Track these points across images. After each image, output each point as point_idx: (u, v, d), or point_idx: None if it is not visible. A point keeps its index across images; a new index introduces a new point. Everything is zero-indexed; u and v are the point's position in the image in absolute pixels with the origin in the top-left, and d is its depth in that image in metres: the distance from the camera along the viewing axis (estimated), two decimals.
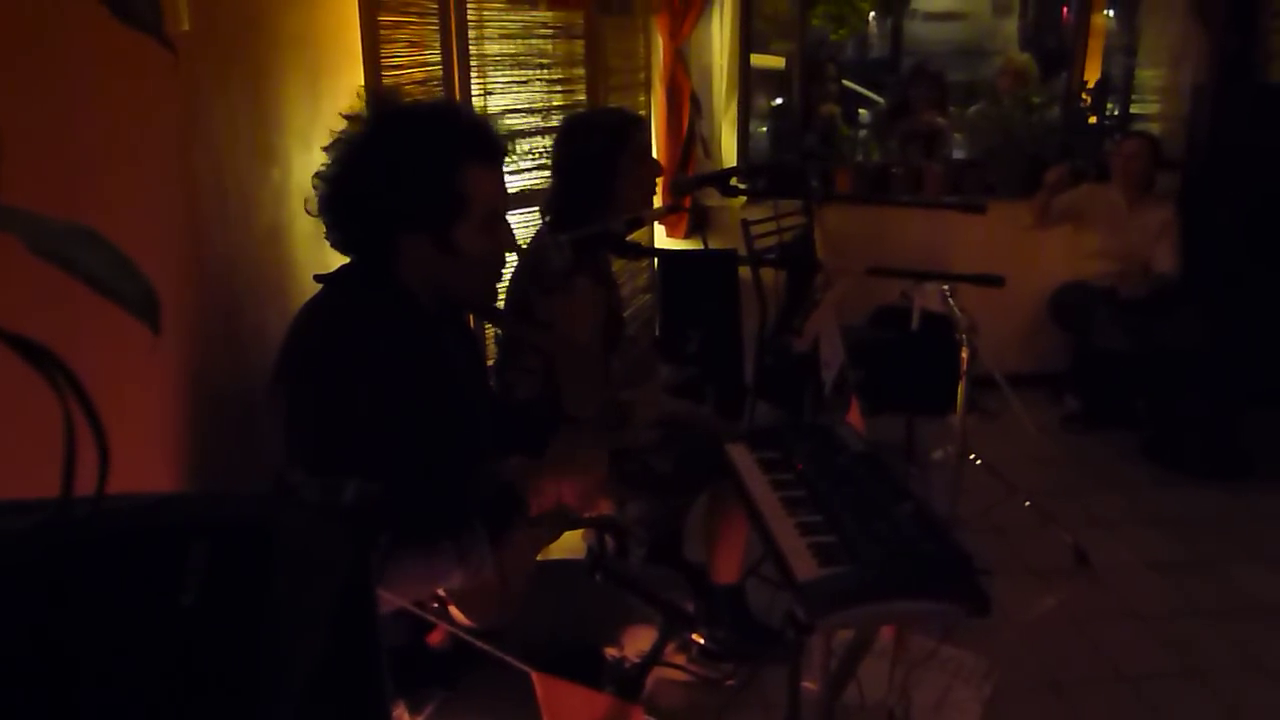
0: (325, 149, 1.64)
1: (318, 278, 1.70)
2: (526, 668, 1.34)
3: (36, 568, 0.52)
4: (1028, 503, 3.54)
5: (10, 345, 0.56)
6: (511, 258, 1.84)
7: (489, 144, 1.68)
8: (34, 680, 0.48)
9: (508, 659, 1.35)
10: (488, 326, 2.90)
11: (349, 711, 0.65)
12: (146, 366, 1.49)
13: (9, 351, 0.57)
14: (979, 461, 3.58)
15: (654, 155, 2.74)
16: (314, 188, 1.65)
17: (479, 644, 1.35)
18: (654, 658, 1.61)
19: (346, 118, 1.64)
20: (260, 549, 0.53)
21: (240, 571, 0.52)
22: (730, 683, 2.72)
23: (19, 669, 0.48)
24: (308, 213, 1.67)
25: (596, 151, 2.53)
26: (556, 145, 2.63)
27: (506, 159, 1.72)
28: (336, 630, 0.57)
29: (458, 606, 1.62)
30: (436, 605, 1.62)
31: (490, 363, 2.62)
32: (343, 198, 1.62)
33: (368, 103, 1.66)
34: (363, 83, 2.57)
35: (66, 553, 0.53)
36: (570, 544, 2.52)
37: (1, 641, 0.49)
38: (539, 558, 1.81)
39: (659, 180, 2.74)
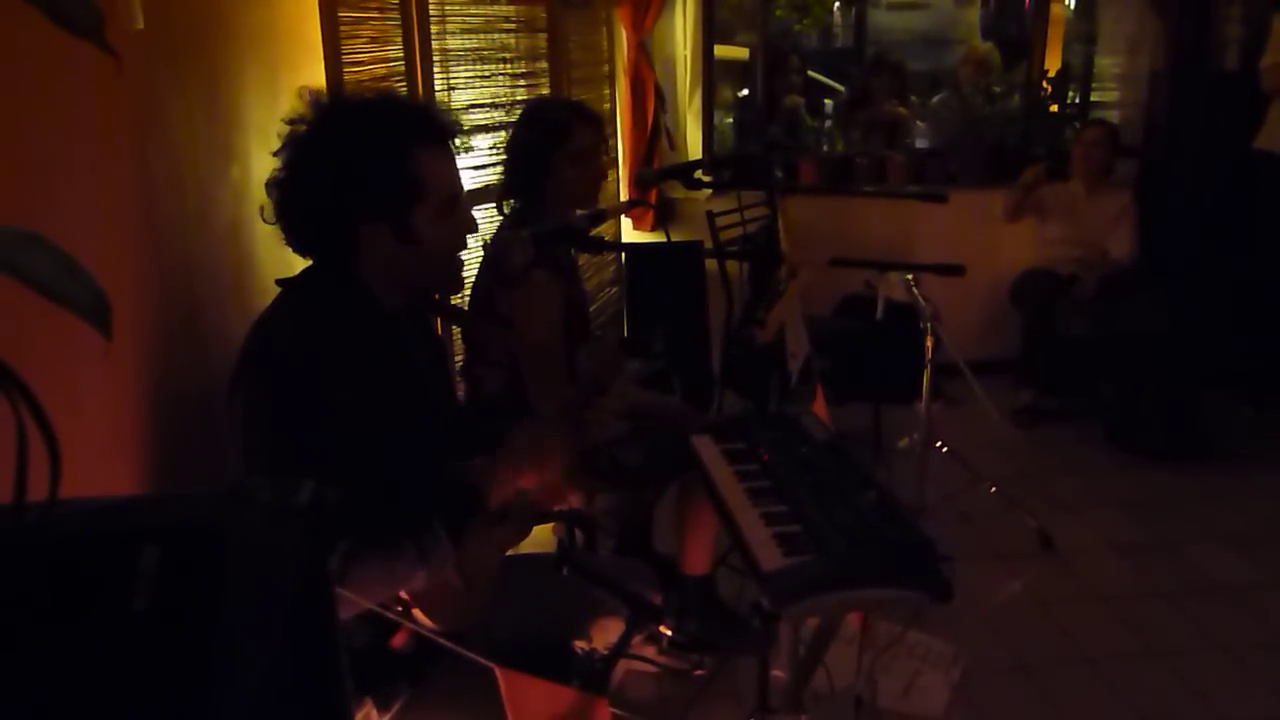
0: (274, 154, 1.62)
1: (279, 282, 1.69)
2: (489, 664, 1.34)
3: None
4: (993, 488, 3.59)
5: None
6: (474, 241, 1.83)
7: (435, 127, 1.67)
8: None
9: (471, 656, 1.35)
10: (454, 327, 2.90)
11: (308, 710, 0.65)
12: (103, 370, 1.48)
13: None
14: (944, 449, 3.61)
15: (603, 158, 2.70)
16: (268, 194, 1.63)
17: (442, 642, 1.35)
18: (620, 650, 1.62)
19: (290, 121, 1.63)
20: (212, 551, 0.54)
21: (192, 574, 0.52)
22: (699, 673, 2.73)
23: None
24: (264, 220, 1.65)
25: (531, 143, 2.52)
26: (513, 126, 2.63)
27: (458, 144, 1.71)
28: (293, 630, 0.58)
29: (421, 609, 1.62)
30: (400, 609, 1.61)
31: (458, 359, 2.62)
32: (297, 199, 1.61)
33: (309, 102, 1.64)
34: (321, 79, 2.55)
35: (18, 557, 0.53)
36: (540, 538, 2.53)
37: None
38: (507, 554, 1.82)
39: (624, 174, 2.74)
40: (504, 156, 2.63)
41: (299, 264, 1.73)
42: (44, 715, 0.47)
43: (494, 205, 2.73)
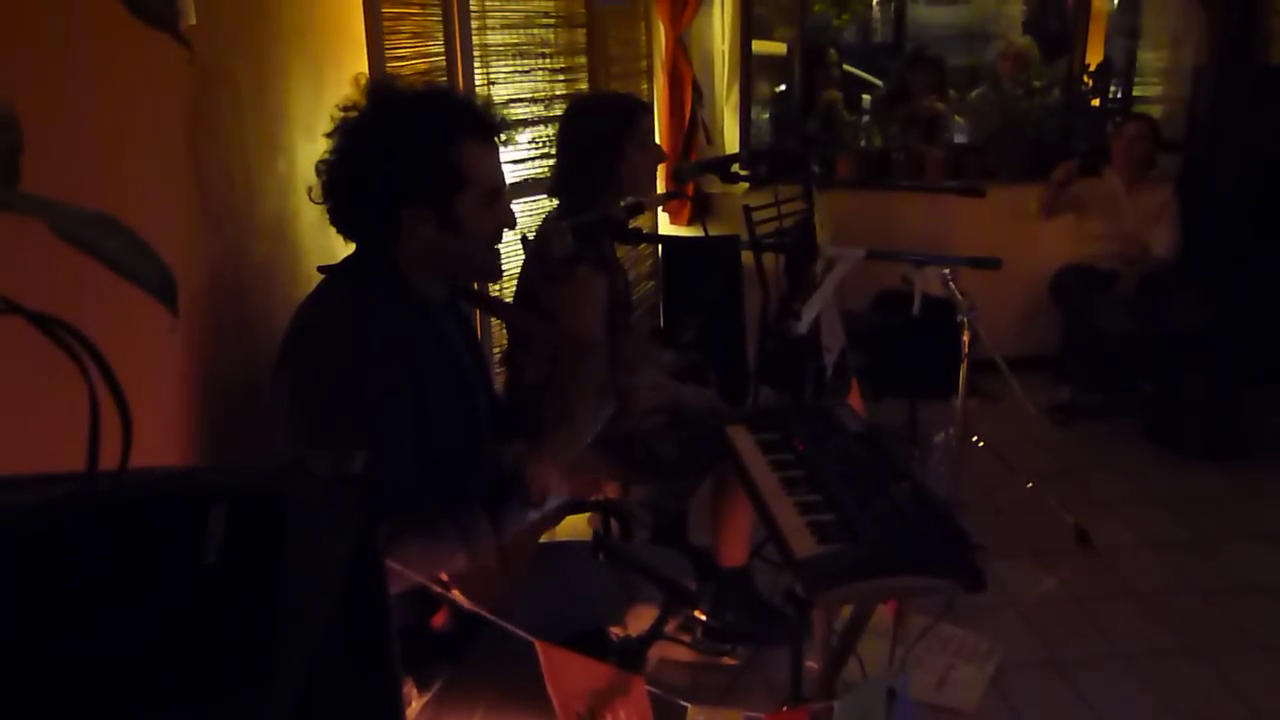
0: (327, 135, 1.67)
1: (321, 269, 1.74)
2: (530, 638, 1.37)
3: (69, 532, 0.56)
4: (1030, 484, 3.57)
5: (36, 325, 0.59)
6: (512, 235, 1.87)
7: (483, 122, 1.72)
8: (71, 631, 0.52)
9: (512, 629, 1.38)
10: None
11: (360, 665, 0.68)
12: (158, 353, 1.53)
13: (22, 339, 0.60)
14: (980, 444, 3.61)
15: (657, 142, 2.76)
16: (317, 175, 1.69)
17: (486, 615, 1.39)
18: (656, 632, 1.65)
19: (344, 108, 1.68)
20: (275, 513, 0.57)
21: (257, 534, 0.56)
22: (732, 663, 2.75)
23: (57, 622, 0.51)
24: (311, 200, 1.71)
25: (602, 133, 2.55)
26: (563, 124, 2.64)
27: (502, 139, 1.76)
28: (347, 590, 0.61)
29: (460, 590, 1.66)
30: (440, 589, 1.65)
31: (501, 348, 2.66)
32: (346, 179, 1.67)
33: (364, 90, 1.69)
34: (365, 72, 2.59)
35: (97, 518, 0.56)
36: (575, 528, 2.56)
37: (43, 597, 0.53)
38: (543, 540, 1.85)
39: (661, 167, 2.77)
40: (556, 151, 2.65)
41: (341, 256, 1.78)
42: (124, 659, 0.51)
43: (545, 195, 2.75)
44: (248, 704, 0.48)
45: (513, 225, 1.79)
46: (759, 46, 5.22)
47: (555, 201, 2.69)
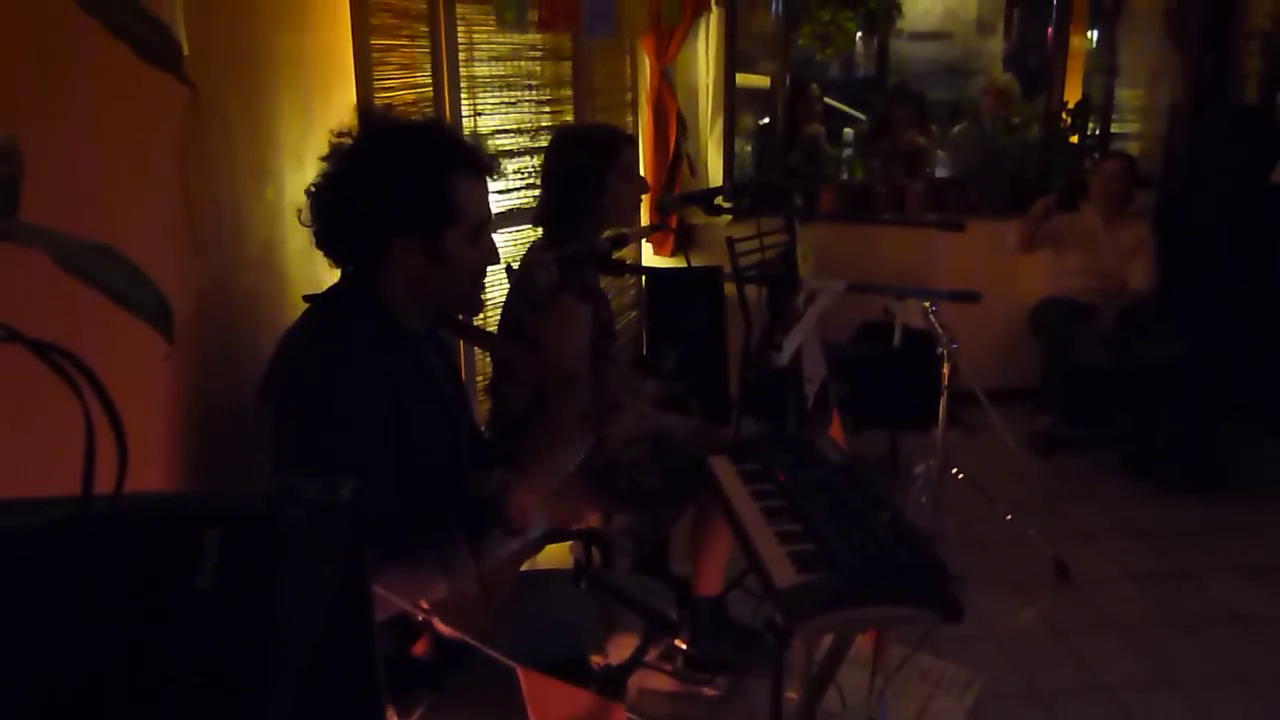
0: (322, 159, 1.69)
1: (306, 298, 1.76)
2: (512, 663, 1.38)
3: (66, 554, 0.57)
4: (1009, 516, 3.60)
5: (36, 353, 0.60)
6: (496, 267, 1.89)
7: (475, 159, 1.75)
8: (66, 652, 0.53)
9: (495, 655, 1.39)
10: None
11: (346, 689, 0.70)
12: (147, 380, 1.54)
13: (13, 365, 0.61)
14: (960, 475, 3.63)
15: (641, 174, 2.78)
16: (308, 197, 1.70)
17: (469, 640, 1.39)
18: (637, 659, 1.66)
19: (339, 134, 1.70)
20: (267, 538, 0.58)
21: (250, 558, 0.57)
22: (712, 693, 2.76)
23: (52, 643, 0.53)
24: (301, 223, 1.72)
25: (585, 164, 2.58)
26: (547, 156, 2.66)
27: (492, 177, 1.78)
28: (335, 614, 0.62)
29: (440, 618, 1.66)
30: (421, 618, 1.66)
31: (485, 378, 2.67)
32: (337, 204, 1.68)
33: (360, 118, 1.72)
34: (354, 102, 2.62)
35: (94, 540, 0.58)
36: (556, 556, 2.56)
37: (38, 619, 0.54)
38: (523, 568, 1.86)
39: (645, 198, 2.79)
40: (542, 182, 2.68)
41: (327, 285, 1.80)
42: (120, 682, 0.52)
43: (530, 225, 2.78)
44: None
45: (496, 261, 1.81)
46: (743, 79, 5.28)
47: (539, 231, 2.72)
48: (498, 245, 1.83)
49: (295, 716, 0.54)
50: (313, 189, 1.71)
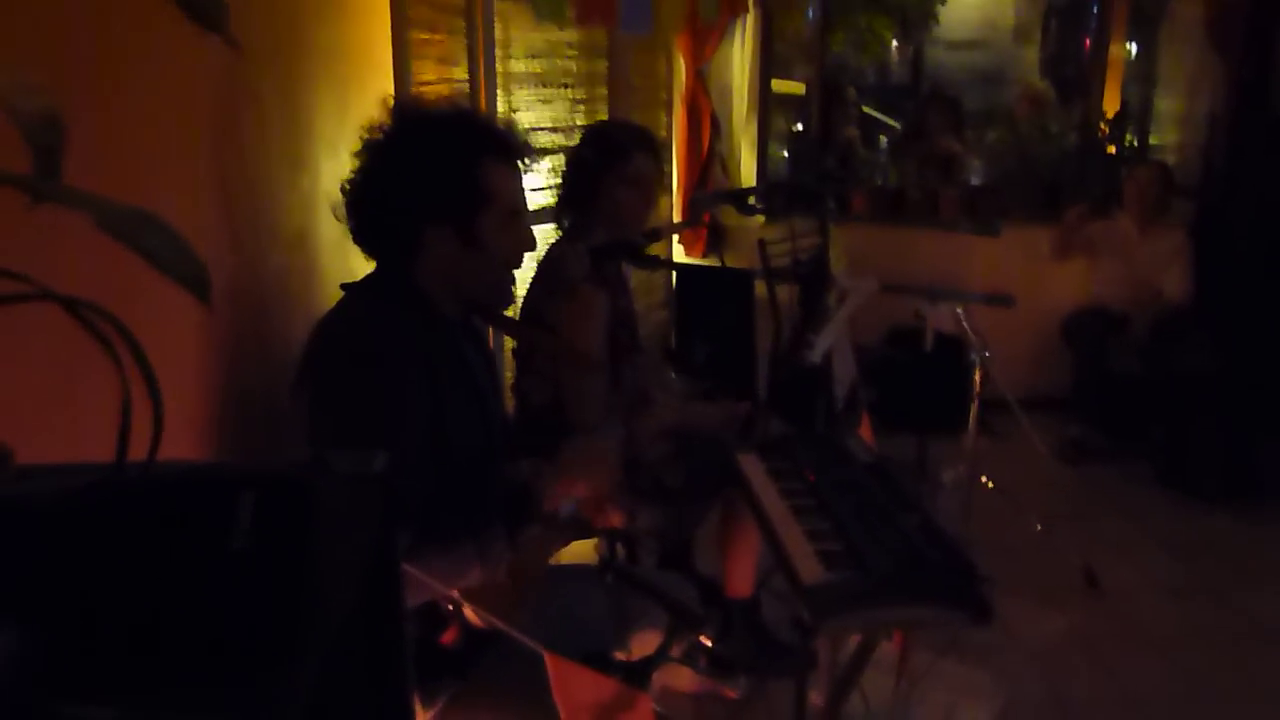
0: (354, 154, 1.70)
1: (343, 286, 1.77)
2: (540, 649, 1.38)
3: (102, 516, 0.57)
4: (1039, 525, 3.56)
5: (69, 310, 0.60)
6: (529, 258, 1.89)
7: (506, 144, 1.75)
8: (102, 611, 0.53)
9: (522, 638, 1.39)
10: (506, 340, 2.96)
11: (375, 660, 0.69)
12: (180, 357, 1.55)
13: (48, 332, 0.61)
14: (990, 484, 3.59)
15: (659, 185, 2.72)
16: (342, 194, 1.72)
17: (499, 624, 1.39)
18: (661, 654, 1.65)
19: (370, 128, 1.71)
20: (301, 504, 0.58)
21: (284, 522, 0.57)
22: (734, 695, 2.74)
23: (87, 603, 0.53)
24: (335, 218, 1.73)
25: (585, 161, 2.58)
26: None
27: (524, 162, 1.78)
28: (366, 586, 0.62)
29: (470, 604, 1.66)
30: (452, 607, 1.66)
31: (510, 373, 2.67)
32: (369, 195, 1.69)
33: (390, 110, 1.73)
34: (391, 94, 2.63)
35: (129, 502, 0.58)
36: (582, 553, 2.56)
37: (74, 579, 0.54)
38: (550, 562, 1.86)
39: (677, 198, 2.78)
40: (562, 172, 2.69)
41: (361, 274, 1.80)
42: (153, 640, 0.52)
43: (553, 222, 2.78)
44: (273, 684, 0.49)
45: (533, 247, 1.81)
46: (778, 86, 5.27)
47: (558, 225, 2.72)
48: (535, 235, 1.83)
49: (323, 682, 0.54)
50: (346, 185, 1.72)
